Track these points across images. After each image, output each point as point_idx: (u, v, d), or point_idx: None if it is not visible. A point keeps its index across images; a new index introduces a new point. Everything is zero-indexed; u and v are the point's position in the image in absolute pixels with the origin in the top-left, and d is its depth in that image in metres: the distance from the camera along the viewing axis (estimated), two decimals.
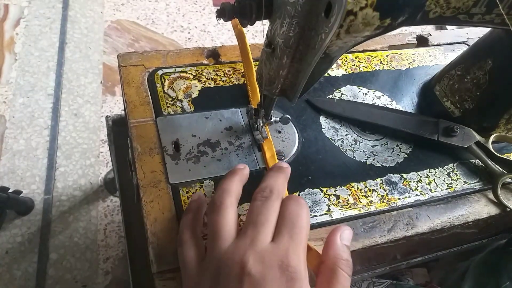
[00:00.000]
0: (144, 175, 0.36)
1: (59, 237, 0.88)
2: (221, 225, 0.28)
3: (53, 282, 0.82)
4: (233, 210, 0.30)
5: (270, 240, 0.27)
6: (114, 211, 0.93)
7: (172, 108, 0.42)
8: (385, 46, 0.54)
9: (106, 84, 1.14)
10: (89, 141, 1.02)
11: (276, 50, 0.31)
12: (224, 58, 0.48)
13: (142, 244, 0.38)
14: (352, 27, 0.25)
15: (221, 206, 0.29)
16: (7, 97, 1.06)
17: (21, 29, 1.20)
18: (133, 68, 0.44)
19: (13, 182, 0.93)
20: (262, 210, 0.29)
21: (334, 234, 0.30)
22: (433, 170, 0.43)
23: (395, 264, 0.48)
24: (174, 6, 1.37)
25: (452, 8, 0.29)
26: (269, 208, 0.29)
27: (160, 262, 0.32)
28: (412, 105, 0.49)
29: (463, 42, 0.57)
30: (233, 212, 0.29)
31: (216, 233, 0.28)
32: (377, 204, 0.39)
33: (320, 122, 0.45)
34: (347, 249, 0.29)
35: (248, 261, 0.26)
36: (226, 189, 0.31)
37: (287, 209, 0.29)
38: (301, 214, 0.29)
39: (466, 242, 0.51)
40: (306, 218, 0.29)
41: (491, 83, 0.43)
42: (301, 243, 0.27)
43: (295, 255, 0.26)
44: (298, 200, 0.30)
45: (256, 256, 0.26)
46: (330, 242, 0.29)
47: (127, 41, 1.25)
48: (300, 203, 0.29)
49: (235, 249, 0.27)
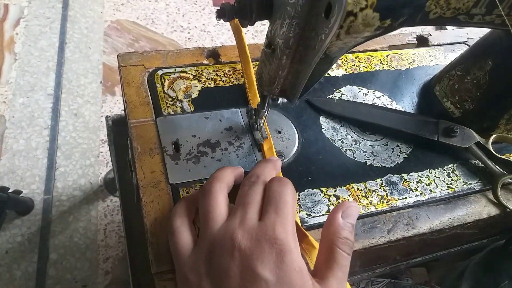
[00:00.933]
0: (144, 175, 0.37)
1: (59, 237, 0.88)
2: (212, 208, 0.29)
3: (53, 282, 0.82)
4: (223, 194, 0.30)
5: (257, 219, 0.28)
6: (114, 211, 0.93)
7: (172, 108, 0.42)
8: (385, 46, 0.54)
9: (106, 84, 1.14)
10: (89, 141, 1.02)
11: (276, 51, 0.31)
12: (224, 58, 0.48)
13: (142, 244, 0.38)
14: (352, 28, 0.25)
15: (211, 190, 0.30)
16: (7, 97, 1.06)
17: (21, 29, 1.20)
18: (133, 68, 0.44)
19: (13, 182, 0.93)
20: (249, 193, 0.30)
21: (335, 211, 0.29)
22: (433, 170, 0.43)
23: (394, 264, 0.48)
24: (174, 6, 1.37)
25: (452, 9, 0.29)
26: (255, 190, 0.30)
27: (160, 262, 0.32)
28: (412, 105, 0.49)
29: (463, 42, 0.57)
30: (223, 196, 0.30)
31: (207, 216, 0.29)
32: (377, 205, 0.39)
33: (320, 122, 0.45)
34: (349, 227, 0.29)
35: (238, 238, 0.26)
36: (216, 176, 0.31)
37: (270, 189, 0.30)
38: (284, 190, 0.29)
39: (466, 242, 0.51)
40: (291, 194, 0.29)
41: (491, 83, 0.43)
42: (287, 217, 0.28)
43: (282, 229, 0.27)
44: (281, 179, 0.30)
45: (245, 233, 0.27)
46: (330, 218, 0.29)
47: (127, 41, 1.25)
48: (283, 181, 0.30)
49: (226, 229, 0.28)
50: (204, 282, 0.26)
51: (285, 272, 0.25)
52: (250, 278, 0.25)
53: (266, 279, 0.25)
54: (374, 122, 0.45)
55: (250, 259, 0.26)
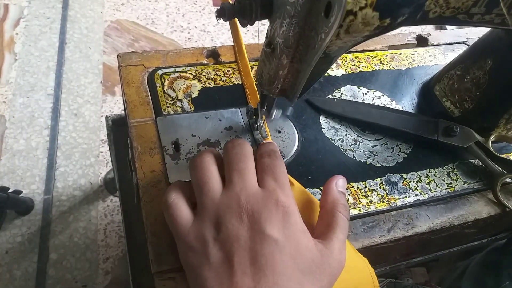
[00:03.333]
0: (144, 175, 0.37)
1: (59, 237, 0.88)
2: (207, 178, 0.30)
3: (53, 282, 0.82)
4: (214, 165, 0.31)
5: (257, 186, 0.30)
6: (114, 211, 0.93)
7: (172, 108, 0.42)
8: (385, 46, 0.54)
9: (106, 84, 1.14)
10: (89, 141, 1.02)
11: (276, 50, 0.31)
12: (224, 58, 0.48)
13: (142, 244, 0.38)
14: (352, 27, 0.25)
15: (202, 162, 0.31)
16: (7, 97, 1.06)
17: (21, 29, 1.20)
18: (133, 68, 0.44)
19: (13, 182, 0.93)
20: (240, 157, 0.31)
21: (330, 183, 0.32)
22: (432, 170, 0.43)
23: (394, 264, 0.48)
24: (174, 6, 1.37)
25: (451, 8, 0.29)
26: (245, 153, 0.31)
27: (160, 262, 0.32)
28: (412, 105, 0.49)
29: (463, 42, 0.57)
30: (214, 166, 0.31)
31: (203, 187, 0.30)
32: (376, 204, 0.39)
33: (320, 122, 0.45)
34: (344, 195, 0.32)
35: (245, 202, 0.28)
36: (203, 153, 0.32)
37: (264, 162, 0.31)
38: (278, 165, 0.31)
39: (466, 242, 0.51)
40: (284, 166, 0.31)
41: (491, 83, 0.43)
42: (286, 184, 0.30)
43: (284, 194, 0.29)
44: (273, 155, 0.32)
45: (250, 198, 0.28)
46: (327, 189, 0.32)
47: (127, 41, 1.25)
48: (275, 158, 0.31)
49: (230, 196, 0.29)
50: (211, 248, 0.27)
51: (291, 231, 0.27)
52: (260, 239, 0.26)
53: (275, 239, 0.26)
54: (374, 121, 0.45)
55: (258, 221, 0.27)
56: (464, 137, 0.43)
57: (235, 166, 0.30)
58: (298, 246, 0.27)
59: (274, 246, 0.26)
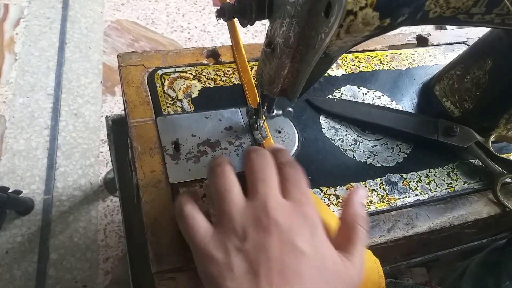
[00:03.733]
0: (144, 175, 0.37)
1: (59, 237, 0.88)
2: (228, 187, 0.29)
3: (53, 282, 0.82)
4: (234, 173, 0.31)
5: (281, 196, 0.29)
6: (114, 211, 0.93)
7: (172, 108, 0.42)
8: (385, 46, 0.54)
9: (106, 84, 1.14)
10: (89, 141, 1.02)
11: (276, 50, 0.31)
12: (224, 58, 0.48)
13: (142, 244, 0.38)
14: (352, 27, 0.25)
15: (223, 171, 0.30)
16: (7, 97, 1.06)
17: (21, 29, 1.20)
18: (133, 68, 0.44)
19: (13, 182, 0.93)
20: (263, 167, 0.30)
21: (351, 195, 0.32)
22: (433, 170, 0.43)
23: (395, 264, 0.48)
24: (174, 6, 1.37)
25: (451, 8, 0.29)
26: (269, 163, 0.31)
27: (160, 262, 0.32)
28: (412, 105, 0.49)
29: (463, 42, 0.57)
30: (234, 175, 0.30)
31: (225, 196, 0.29)
32: (377, 204, 0.39)
33: (320, 122, 0.45)
34: (363, 207, 0.32)
35: (272, 213, 0.27)
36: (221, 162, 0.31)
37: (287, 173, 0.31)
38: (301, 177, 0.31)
39: (466, 242, 0.51)
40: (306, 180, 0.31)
41: (491, 83, 0.43)
42: (310, 197, 0.30)
43: (310, 207, 0.29)
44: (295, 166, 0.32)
45: (278, 209, 0.28)
46: (348, 201, 0.32)
47: (127, 41, 1.25)
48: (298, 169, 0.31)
49: (255, 207, 0.28)
50: (234, 258, 0.26)
51: (318, 244, 0.27)
52: (289, 251, 0.26)
53: (304, 251, 0.26)
54: (374, 121, 0.45)
55: (287, 233, 0.27)
56: (464, 137, 0.43)
57: (260, 175, 0.30)
58: (324, 259, 0.27)
59: (302, 258, 0.26)
